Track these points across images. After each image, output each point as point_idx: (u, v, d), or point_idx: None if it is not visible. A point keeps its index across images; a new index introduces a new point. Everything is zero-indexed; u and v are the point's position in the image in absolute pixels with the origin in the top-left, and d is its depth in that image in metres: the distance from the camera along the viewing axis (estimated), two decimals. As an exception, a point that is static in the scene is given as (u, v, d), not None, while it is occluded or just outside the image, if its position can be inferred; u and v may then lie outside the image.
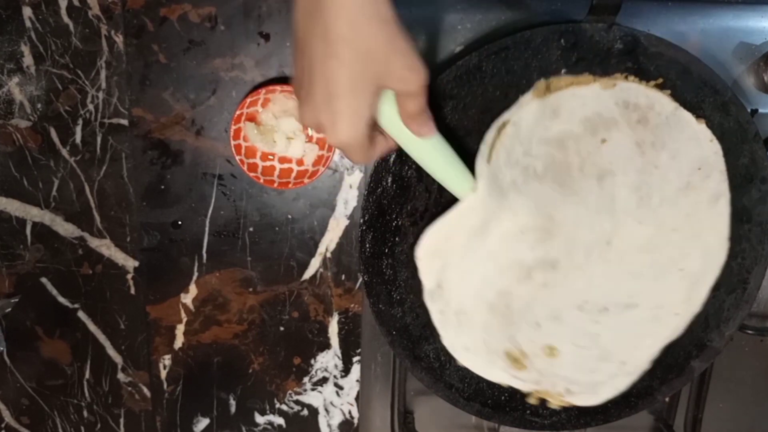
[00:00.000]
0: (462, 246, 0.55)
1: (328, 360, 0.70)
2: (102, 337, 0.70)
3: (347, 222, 0.66)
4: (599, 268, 0.57)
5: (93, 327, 0.69)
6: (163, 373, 0.70)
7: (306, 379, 0.71)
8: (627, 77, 0.53)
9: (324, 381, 0.71)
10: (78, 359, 0.70)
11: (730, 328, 0.59)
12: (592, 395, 0.60)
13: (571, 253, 0.56)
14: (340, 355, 0.70)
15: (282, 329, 0.69)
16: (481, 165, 0.51)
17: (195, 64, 0.62)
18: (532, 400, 0.60)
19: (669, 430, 0.68)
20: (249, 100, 0.60)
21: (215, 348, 0.69)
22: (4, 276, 0.67)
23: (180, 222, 0.66)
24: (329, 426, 0.72)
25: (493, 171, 0.52)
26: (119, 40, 0.62)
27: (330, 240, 0.67)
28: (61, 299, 0.68)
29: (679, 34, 0.59)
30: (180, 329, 0.69)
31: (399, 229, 0.56)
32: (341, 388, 0.71)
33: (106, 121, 0.64)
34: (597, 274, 0.57)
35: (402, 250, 0.57)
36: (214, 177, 0.65)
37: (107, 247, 0.67)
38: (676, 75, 0.53)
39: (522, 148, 0.53)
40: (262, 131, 0.62)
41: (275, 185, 0.62)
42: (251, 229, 0.66)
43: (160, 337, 0.69)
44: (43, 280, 0.68)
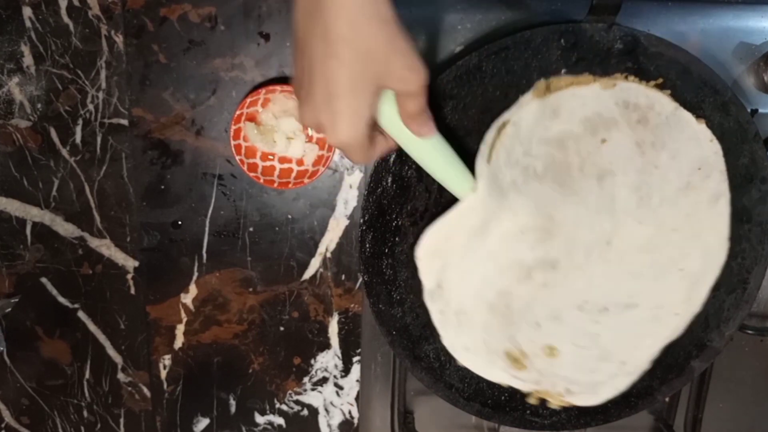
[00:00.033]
0: (462, 246, 0.55)
1: (328, 360, 0.70)
2: (102, 337, 0.70)
3: (347, 222, 0.66)
4: (599, 268, 0.57)
5: (93, 327, 0.69)
6: (163, 373, 0.70)
7: (306, 379, 0.71)
8: (627, 77, 0.53)
9: (324, 381, 0.71)
10: (78, 359, 0.70)
11: (730, 328, 0.59)
12: (592, 395, 0.60)
13: (571, 253, 0.56)
14: (340, 355, 0.70)
15: (282, 329, 0.69)
16: (481, 165, 0.51)
17: (195, 64, 0.62)
18: (532, 400, 0.60)
19: (669, 430, 0.68)
20: (249, 100, 0.60)
21: (215, 348, 0.69)
22: (4, 276, 0.67)
23: (180, 222, 0.66)
24: (329, 426, 0.72)
25: (493, 171, 0.52)
26: (119, 40, 0.62)
27: (330, 240, 0.67)
28: (61, 299, 0.68)
29: (679, 34, 0.59)
30: (180, 329, 0.69)
31: (399, 229, 0.56)
32: (341, 388, 0.71)
33: (106, 121, 0.64)
34: (597, 274, 0.57)
35: (402, 250, 0.57)
36: (214, 177, 0.65)
37: (107, 247, 0.67)
38: (676, 75, 0.53)
39: (522, 148, 0.53)
40: (262, 131, 0.62)
41: (275, 185, 0.62)
42: (251, 229, 0.66)
43: (160, 337, 0.69)
44: (43, 280, 0.68)
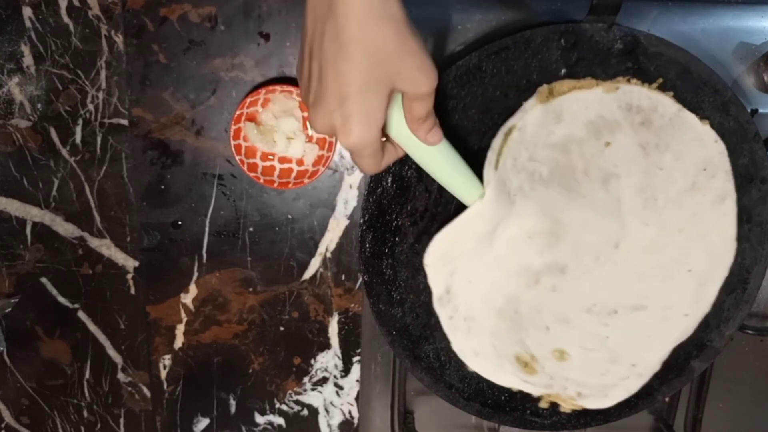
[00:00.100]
0: (470, 252, 0.55)
1: (328, 360, 0.70)
2: (102, 337, 0.70)
3: (347, 222, 0.66)
4: (607, 270, 0.57)
5: (93, 327, 0.69)
6: (163, 373, 0.70)
7: (306, 379, 0.71)
8: (629, 80, 0.53)
9: (324, 381, 0.71)
10: (78, 359, 0.70)
11: (730, 328, 0.59)
12: (603, 398, 0.59)
13: (580, 257, 0.56)
14: (340, 355, 0.70)
15: (282, 329, 0.69)
16: (489, 172, 0.51)
17: (195, 64, 0.62)
18: (543, 404, 0.60)
19: (669, 430, 0.68)
20: (249, 100, 0.60)
21: (215, 348, 0.69)
22: (4, 276, 0.67)
23: (180, 222, 0.66)
24: (329, 426, 0.72)
25: (501, 177, 0.52)
26: (119, 40, 0.62)
27: (330, 240, 0.67)
28: (61, 299, 0.68)
29: (679, 34, 0.59)
30: (180, 329, 0.69)
31: (399, 229, 0.56)
32: (341, 388, 0.71)
33: (106, 121, 0.64)
34: (605, 276, 0.57)
35: (402, 250, 0.57)
36: (214, 177, 0.65)
37: (107, 247, 0.67)
38: (676, 75, 0.53)
39: (527, 153, 0.53)
40: (262, 131, 0.62)
41: (275, 185, 0.62)
42: (251, 229, 0.66)
43: (160, 337, 0.69)
44: (43, 280, 0.68)
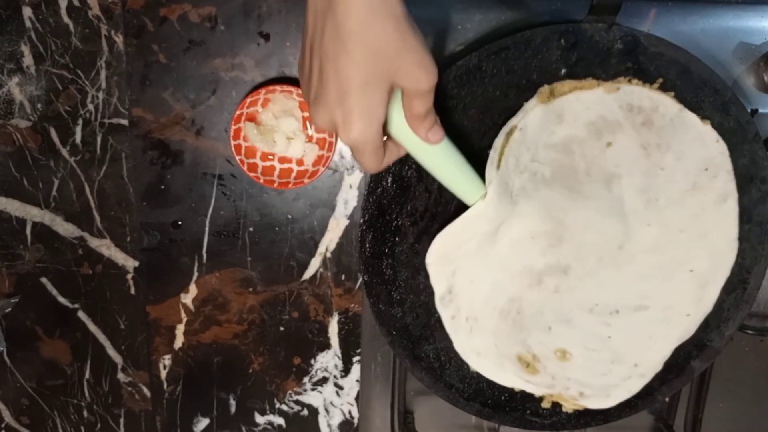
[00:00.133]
0: (472, 252, 0.55)
1: (328, 360, 0.70)
2: (102, 337, 0.70)
3: (347, 222, 0.66)
4: (610, 271, 0.57)
5: (93, 327, 0.69)
6: (163, 373, 0.70)
7: (306, 379, 0.71)
8: (630, 80, 0.53)
9: (324, 381, 0.71)
10: (78, 359, 0.70)
11: (730, 328, 0.59)
12: (604, 398, 0.59)
13: (583, 258, 0.56)
14: (340, 355, 0.70)
15: (282, 329, 0.69)
16: (491, 171, 0.51)
17: (195, 64, 0.62)
18: (545, 404, 0.60)
19: (669, 430, 0.68)
20: (249, 100, 0.60)
21: (215, 348, 0.69)
22: (4, 276, 0.67)
23: (180, 222, 0.66)
24: (329, 426, 0.72)
25: (503, 177, 0.52)
26: (119, 40, 0.62)
27: (330, 240, 0.67)
28: (61, 299, 0.68)
29: (679, 34, 0.59)
30: (180, 329, 0.69)
31: (399, 229, 0.56)
32: (341, 388, 0.71)
33: (106, 121, 0.64)
34: (608, 277, 0.57)
35: (402, 250, 0.57)
36: (214, 177, 0.65)
37: (107, 247, 0.67)
38: (676, 75, 0.53)
39: (529, 153, 0.53)
40: (262, 131, 0.62)
41: (275, 185, 0.62)
42: (251, 229, 0.66)
43: (160, 337, 0.69)
44: (43, 280, 0.68)
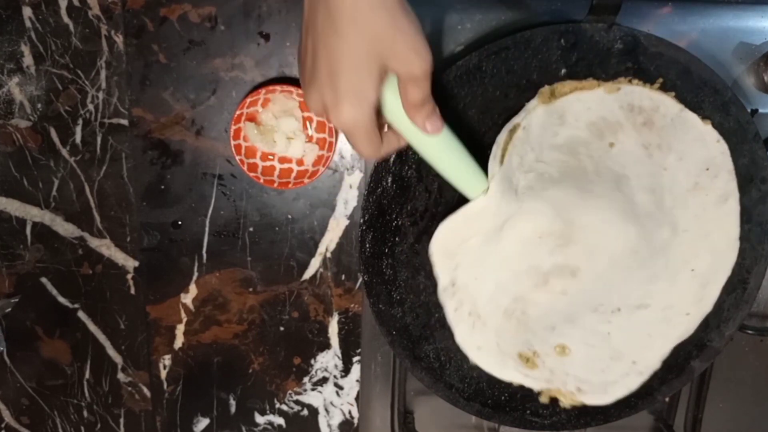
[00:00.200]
0: (476, 248, 0.54)
1: (328, 360, 0.70)
2: (102, 337, 0.70)
3: (347, 222, 0.66)
4: (620, 273, 0.56)
5: (93, 327, 0.69)
6: (163, 373, 0.70)
7: (306, 379, 0.71)
8: (630, 80, 0.53)
9: (324, 381, 0.71)
10: (78, 359, 0.70)
11: (730, 328, 0.59)
12: (602, 394, 0.59)
13: (594, 260, 0.56)
14: (340, 355, 0.70)
15: (282, 329, 0.69)
16: (494, 166, 0.50)
17: (195, 64, 0.62)
18: (543, 398, 0.60)
19: (669, 430, 0.68)
20: (249, 100, 0.60)
21: (215, 348, 0.69)
22: (4, 276, 0.67)
23: (180, 222, 0.66)
24: (329, 426, 0.72)
25: (506, 173, 0.51)
26: (119, 40, 0.62)
27: (330, 240, 0.67)
28: (61, 299, 0.68)
29: (679, 34, 0.59)
30: (180, 329, 0.69)
31: (399, 229, 0.56)
32: (341, 388, 0.71)
33: (106, 121, 0.64)
34: (617, 279, 0.57)
35: (402, 250, 0.57)
36: (214, 177, 0.65)
37: (107, 247, 0.67)
38: (676, 75, 0.53)
39: (534, 154, 0.53)
40: (262, 131, 0.62)
41: (275, 185, 0.62)
42: (251, 229, 0.66)
43: (160, 337, 0.69)
44: (43, 280, 0.68)
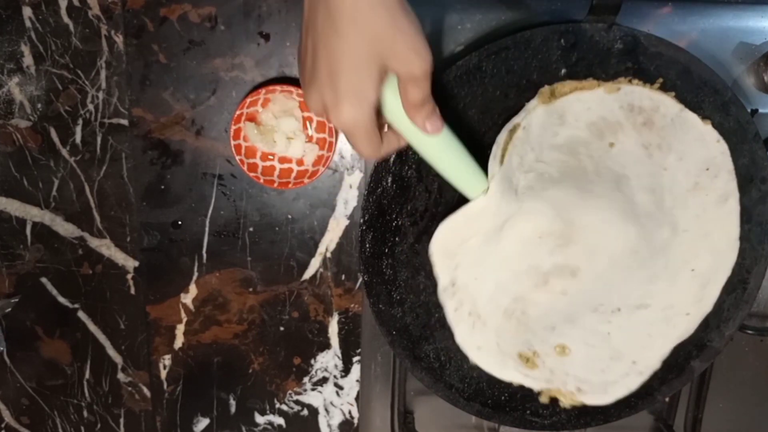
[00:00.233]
0: (476, 248, 0.54)
1: (328, 360, 0.70)
2: (102, 337, 0.70)
3: (347, 222, 0.66)
4: (621, 273, 0.56)
5: (93, 327, 0.69)
6: (163, 373, 0.70)
7: (306, 379, 0.71)
8: (630, 80, 0.53)
9: (324, 381, 0.71)
10: (78, 359, 0.70)
11: (730, 328, 0.59)
12: (602, 394, 0.59)
13: (594, 260, 0.56)
14: (340, 355, 0.70)
15: (282, 329, 0.69)
16: (494, 166, 0.50)
17: (195, 64, 0.62)
18: (543, 398, 0.60)
19: (669, 430, 0.68)
20: (249, 100, 0.60)
21: (215, 348, 0.69)
22: (4, 276, 0.67)
23: (180, 222, 0.66)
24: (329, 426, 0.72)
25: (506, 173, 0.51)
26: (119, 40, 0.62)
27: (330, 240, 0.67)
28: (61, 299, 0.68)
29: (679, 34, 0.59)
30: (180, 329, 0.69)
31: (399, 229, 0.56)
32: (341, 388, 0.71)
33: (106, 121, 0.64)
34: (617, 279, 0.57)
35: (402, 250, 0.57)
36: (214, 177, 0.65)
37: (107, 247, 0.67)
38: (676, 75, 0.53)
39: (534, 154, 0.53)
40: (262, 131, 0.62)
41: (275, 185, 0.62)
42: (251, 229, 0.66)
43: (160, 337, 0.69)
44: (43, 280, 0.68)
